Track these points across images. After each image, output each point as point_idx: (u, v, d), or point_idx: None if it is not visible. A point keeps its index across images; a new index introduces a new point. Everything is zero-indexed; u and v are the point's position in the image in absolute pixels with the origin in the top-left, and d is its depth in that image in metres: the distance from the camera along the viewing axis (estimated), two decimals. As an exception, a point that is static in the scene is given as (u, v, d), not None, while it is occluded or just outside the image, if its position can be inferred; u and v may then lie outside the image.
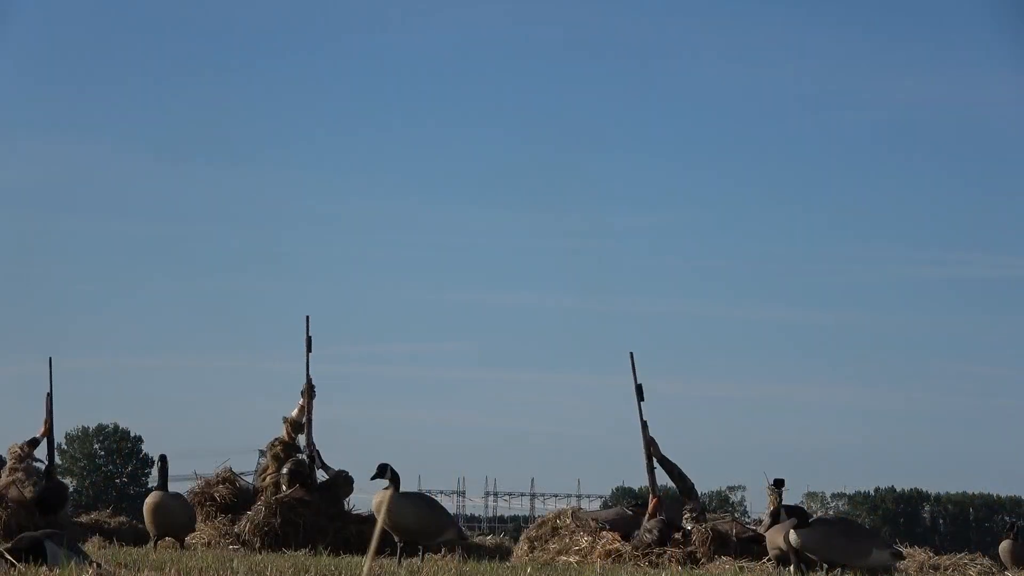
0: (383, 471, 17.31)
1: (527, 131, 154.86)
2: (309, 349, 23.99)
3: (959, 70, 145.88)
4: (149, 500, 21.82)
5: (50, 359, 24.55)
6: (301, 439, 24.21)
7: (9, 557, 11.33)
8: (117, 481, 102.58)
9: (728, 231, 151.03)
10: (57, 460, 25.17)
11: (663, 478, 21.93)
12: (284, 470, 23.61)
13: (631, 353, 21.66)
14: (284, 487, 23.50)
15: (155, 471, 24.87)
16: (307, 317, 24.04)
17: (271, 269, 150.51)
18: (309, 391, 24.05)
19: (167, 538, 21.92)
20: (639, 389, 21.69)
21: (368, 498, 23.39)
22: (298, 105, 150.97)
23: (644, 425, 21.70)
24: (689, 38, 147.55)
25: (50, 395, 24.65)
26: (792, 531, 16.71)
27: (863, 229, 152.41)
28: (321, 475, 23.89)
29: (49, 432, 24.79)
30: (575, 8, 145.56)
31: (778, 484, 20.52)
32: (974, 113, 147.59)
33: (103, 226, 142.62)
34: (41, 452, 24.79)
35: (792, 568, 17.18)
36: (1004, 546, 24.19)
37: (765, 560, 18.95)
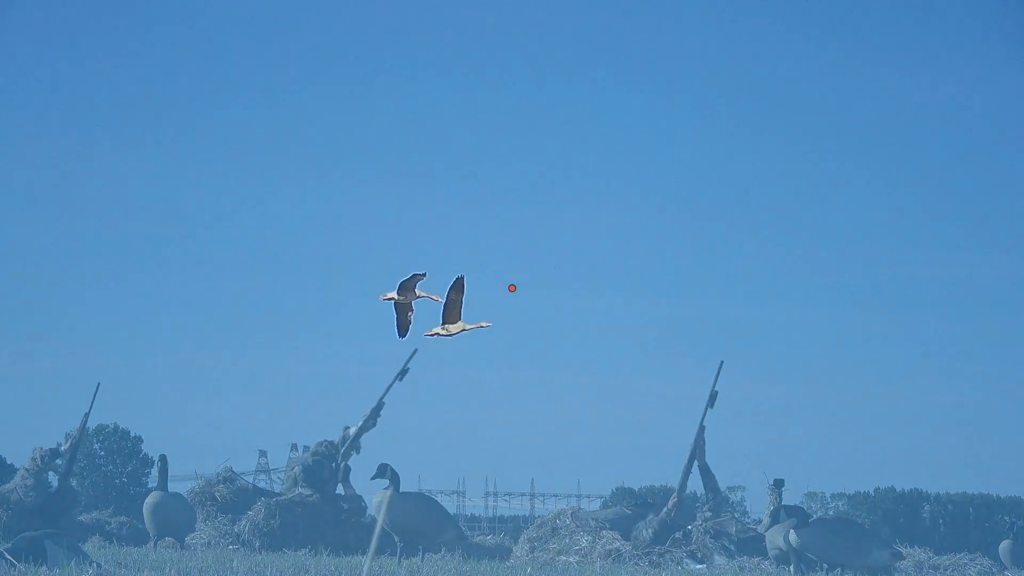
0: (383, 471, 17.32)
1: (527, 131, 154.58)
2: (400, 378, 24.02)
3: (959, 70, 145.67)
4: (149, 500, 21.85)
5: (98, 385, 24.94)
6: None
7: (9, 557, 11.33)
8: (117, 481, 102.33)
9: (729, 231, 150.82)
10: (57, 462, 25.21)
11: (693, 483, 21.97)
12: (301, 463, 23.80)
13: (721, 362, 21.82)
14: (298, 483, 23.65)
15: (155, 471, 24.96)
16: (414, 350, 24.02)
17: (271, 269, 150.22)
18: (375, 413, 24.11)
19: (167, 538, 21.92)
20: (713, 396, 21.87)
21: (368, 500, 23.39)
22: (298, 105, 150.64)
23: (702, 429, 21.91)
24: (689, 38, 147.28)
25: (87, 416, 24.94)
26: (792, 531, 16.71)
27: (863, 229, 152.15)
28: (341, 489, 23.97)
29: (73, 449, 25.02)
30: (576, 8, 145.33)
31: (778, 484, 20.53)
32: (974, 113, 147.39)
33: (103, 226, 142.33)
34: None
35: (792, 568, 17.17)
36: (1004, 546, 24.19)
37: (766, 562, 18.94)
